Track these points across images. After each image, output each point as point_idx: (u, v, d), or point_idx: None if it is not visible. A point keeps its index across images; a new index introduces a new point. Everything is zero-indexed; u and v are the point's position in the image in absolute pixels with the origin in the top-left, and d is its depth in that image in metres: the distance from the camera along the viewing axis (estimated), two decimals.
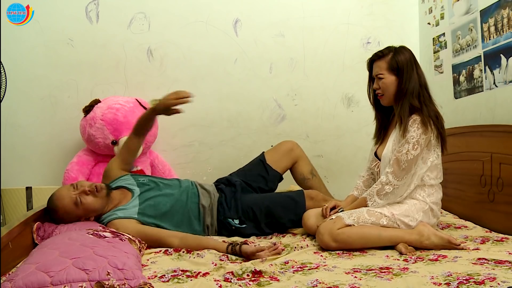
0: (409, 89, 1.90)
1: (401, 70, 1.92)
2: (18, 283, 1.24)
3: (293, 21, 2.95)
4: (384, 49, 1.98)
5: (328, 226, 1.82)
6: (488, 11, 2.25)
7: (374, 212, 1.86)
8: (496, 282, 1.33)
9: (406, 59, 1.93)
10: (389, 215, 1.86)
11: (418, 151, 1.85)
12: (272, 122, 2.98)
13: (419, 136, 1.85)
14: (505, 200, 2.02)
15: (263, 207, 2.13)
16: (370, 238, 1.80)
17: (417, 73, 1.93)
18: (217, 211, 2.13)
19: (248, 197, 2.21)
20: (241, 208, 2.13)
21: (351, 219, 1.83)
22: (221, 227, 2.12)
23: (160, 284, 1.45)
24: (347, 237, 1.78)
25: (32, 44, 2.74)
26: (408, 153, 1.84)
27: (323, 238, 1.80)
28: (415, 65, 1.95)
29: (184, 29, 2.86)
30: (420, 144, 1.85)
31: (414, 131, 1.85)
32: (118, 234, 1.69)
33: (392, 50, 1.96)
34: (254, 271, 1.51)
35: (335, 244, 1.79)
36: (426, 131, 1.86)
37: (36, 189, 2.50)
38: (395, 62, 1.92)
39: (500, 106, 2.21)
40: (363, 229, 1.81)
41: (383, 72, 1.94)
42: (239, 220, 2.12)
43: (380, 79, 1.95)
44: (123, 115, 2.57)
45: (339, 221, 1.82)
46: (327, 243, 1.79)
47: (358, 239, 1.79)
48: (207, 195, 2.16)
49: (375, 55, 2.00)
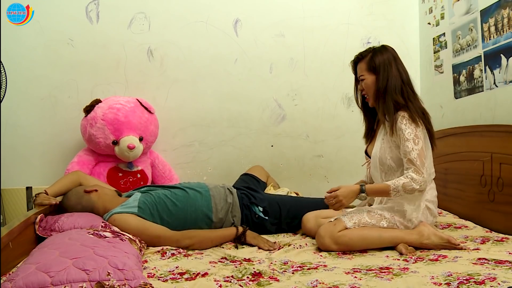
0: (389, 86, 1.91)
1: (379, 68, 1.93)
2: (18, 283, 1.24)
3: (293, 21, 2.95)
4: (364, 51, 2.01)
5: (328, 229, 1.82)
6: (488, 11, 2.25)
7: (375, 215, 1.87)
8: (496, 282, 1.33)
9: (384, 58, 1.94)
10: (389, 217, 1.87)
11: (420, 145, 1.84)
12: (272, 122, 2.98)
13: (415, 130, 1.85)
14: (505, 200, 2.02)
15: (288, 205, 2.21)
16: (371, 240, 1.80)
17: (398, 70, 1.94)
18: (241, 198, 2.17)
19: (274, 195, 2.36)
20: (267, 200, 2.22)
21: (351, 223, 1.83)
22: (243, 222, 2.13)
23: (160, 284, 1.45)
24: (348, 240, 1.79)
25: (32, 44, 2.74)
26: (413, 149, 1.83)
27: (323, 240, 1.81)
28: (395, 62, 1.96)
29: (184, 29, 2.86)
30: (419, 137, 1.85)
31: (408, 127, 1.85)
32: (118, 234, 1.69)
33: (371, 51, 1.98)
34: (254, 273, 1.51)
35: (336, 247, 1.80)
36: (418, 125, 1.87)
37: (36, 189, 2.50)
38: (373, 62, 1.94)
39: (500, 106, 2.21)
40: (364, 231, 1.81)
41: (364, 73, 1.97)
42: (263, 210, 2.16)
43: (363, 81, 1.98)
44: (124, 115, 2.57)
45: (339, 224, 1.82)
46: (327, 245, 1.80)
47: (359, 241, 1.80)
48: (221, 189, 2.19)
49: (356, 57, 2.02)
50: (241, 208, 2.15)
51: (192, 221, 2.06)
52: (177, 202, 2.07)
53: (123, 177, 2.65)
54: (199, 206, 2.09)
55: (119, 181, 2.63)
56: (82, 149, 2.71)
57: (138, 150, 2.58)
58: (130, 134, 2.57)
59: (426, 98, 2.98)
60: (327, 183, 2.99)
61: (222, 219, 2.10)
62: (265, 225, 2.14)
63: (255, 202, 2.19)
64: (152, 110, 2.73)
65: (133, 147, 2.53)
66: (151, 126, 2.69)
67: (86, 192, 2.06)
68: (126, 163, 2.66)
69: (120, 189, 2.41)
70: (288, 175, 2.96)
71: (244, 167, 2.91)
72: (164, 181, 2.77)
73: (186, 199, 2.09)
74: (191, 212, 2.07)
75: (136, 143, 2.56)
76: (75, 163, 2.62)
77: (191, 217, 2.06)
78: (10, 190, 2.54)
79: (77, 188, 2.11)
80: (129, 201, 2.04)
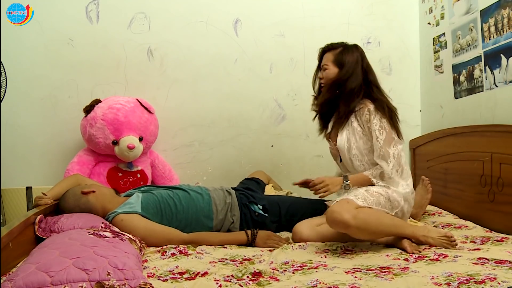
0: (349, 83, 1.99)
1: (344, 64, 2.00)
2: (18, 283, 1.24)
3: (293, 21, 2.95)
4: (335, 43, 2.09)
5: (344, 206, 1.78)
6: (488, 11, 2.25)
7: (373, 192, 1.90)
8: (496, 282, 1.33)
9: (352, 57, 2.02)
10: (384, 193, 1.92)
11: (384, 135, 1.93)
12: (272, 122, 2.98)
13: (380, 120, 1.94)
14: (505, 200, 2.02)
15: (288, 203, 2.23)
16: (384, 222, 1.81)
17: (362, 70, 2.02)
18: (239, 198, 2.18)
19: (272, 195, 2.38)
20: (266, 199, 2.24)
21: (360, 201, 1.84)
22: (242, 222, 2.13)
23: (160, 283, 1.45)
24: (367, 216, 1.77)
25: (32, 44, 2.74)
26: (379, 139, 1.94)
27: (342, 216, 1.73)
28: (362, 62, 2.03)
29: (184, 29, 2.86)
30: (384, 128, 1.94)
31: (374, 117, 1.95)
32: (118, 234, 1.69)
33: (343, 46, 2.06)
34: (254, 272, 1.51)
35: (354, 222, 1.73)
36: (383, 114, 1.95)
37: (36, 189, 2.50)
38: (341, 57, 2.02)
39: (500, 106, 2.21)
40: (379, 212, 1.85)
41: (328, 64, 2.05)
42: (263, 208, 2.17)
43: (325, 70, 2.05)
44: (124, 115, 2.57)
45: (352, 202, 1.82)
46: (346, 220, 1.72)
47: (375, 220, 1.79)
48: (220, 192, 2.19)
49: (326, 46, 2.10)
50: (240, 207, 2.15)
51: (193, 222, 2.06)
52: (179, 202, 2.07)
53: (123, 177, 2.65)
54: (201, 207, 2.09)
55: (119, 181, 2.63)
56: (82, 149, 2.71)
57: (138, 150, 2.58)
58: (130, 134, 2.57)
59: (426, 98, 3.00)
60: None
61: (222, 220, 2.10)
62: (265, 222, 2.14)
63: (253, 201, 2.19)
64: (152, 110, 2.73)
65: (133, 147, 2.53)
66: (151, 126, 2.69)
67: (84, 193, 2.03)
68: (126, 163, 2.66)
69: (120, 189, 2.40)
70: (288, 175, 2.96)
71: (244, 167, 2.91)
72: (164, 181, 2.77)
73: (188, 199, 2.09)
74: (192, 213, 2.07)
75: (136, 143, 2.56)
76: (75, 163, 2.62)
77: (192, 218, 2.06)
78: (10, 190, 2.54)
79: (74, 189, 2.07)
80: (130, 200, 2.02)
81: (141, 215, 1.95)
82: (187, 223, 2.05)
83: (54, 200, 2.06)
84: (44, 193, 2.05)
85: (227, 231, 2.10)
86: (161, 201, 2.04)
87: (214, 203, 2.11)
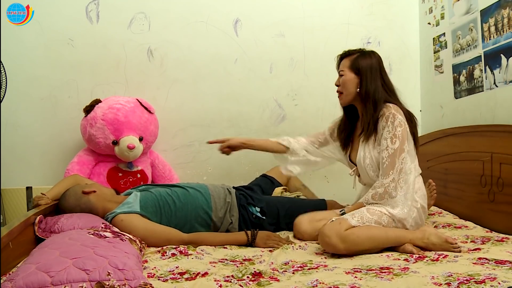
0: (370, 91, 1.94)
1: (361, 70, 1.96)
2: (18, 283, 1.24)
3: (293, 21, 2.95)
4: (353, 49, 2.04)
5: (334, 227, 1.76)
6: (488, 11, 2.25)
7: (375, 211, 1.85)
8: (496, 282, 1.33)
9: (368, 62, 1.97)
10: (388, 213, 1.85)
11: (397, 145, 1.85)
12: (272, 122, 2.98)
13: (395, 129, 1.86)
14: (505, 200, 2.02)
15: (287, 206, 2.22)
16: (377, 239, 1.77)
17: (381, 78, 1.98)
18: (238, 198, 2.18)
19: (272, 196, 2.38)
20: (265, 201, 2.23)
21: (355, 220, 1.80)
22: (240, 222, 2.13)
23: (160, 284, 1.45)
24: (356, 238, 1.73)
25: (32, 44, 2.74)
26: (388, 148, 1.86)
27: (330, 240, 1.72)
28: (380, 70, 1.99)
29: (184, 29, 2.86)
30: (397, 137, 1.86)
31: (388, 125, 1.87)
32: (118, 234, 1.69)
33: (360, 52, 2.01)
34: (254, 273, 1.51)
35: (343, 246, 1.72)
36: (400, 123, 1.87)
37: (36, 189, 2.50)
38: (357, 63, 1.98)
39: (500, 106, 2.21)
40: (371, 229, 1.78)
41: (344, 70, 2.00)
42: (261, 210, 2.17)
43: (341, 76, 2.01)
44: (124, 115, 2.57)
45: (344, 222, 1.79)
46: (334, 244, 1.72)
47: (367, 240, 1.75)
48: (220, 189, 2.20)
49: (343, 53, 2.06)
50: (238, 208, 2.15)
51: (192, 219, 2.06)
52: (178, 199, 2.07)
53: (123, 177, 2.65)
54: (199, 204, 2.09)
55: (119, 181, 2.63)
56: (82, 149, 2.71)
57: (138, 150, 2.58)
58: (130, 134, 2.57)
59: (426, 98, 3.00)
60: (327, 183, 3.00)
61: (221, 218, 2.10)
62: (262, 225, 2.14)
63: (252, 203, 2.19)
64: (152, 110, 2.73)
65: (133, 147, 2.53)
66: (151, 126, 2.69)
67: (85, 193, 2.03)
68: (126, 163, 2.66)
69: (120, 189, 2.40)
70: None
71: (244, 167, 2.91)
72: (164, 181, 2.77)
73: (187, 197, 2.10)
74: (191, 210, 2.07)
75: (136, 143, 2.56)
76: (75, 163, 2.62)
77: (191, 215, 2.06)
78: (10, 190, 2.54)
79: (75, 188, 2.06)
80: (129, 200, 2.02)
81: (140, 215, 1.95)
82: (186, 220, 2.05)
83: (53, 200, 2.06)
84: (43, 194, 2.05)
85: (226, 231, 2.10)
86: (159, 199, 2.04)
87: (213, 200, 2.11)
